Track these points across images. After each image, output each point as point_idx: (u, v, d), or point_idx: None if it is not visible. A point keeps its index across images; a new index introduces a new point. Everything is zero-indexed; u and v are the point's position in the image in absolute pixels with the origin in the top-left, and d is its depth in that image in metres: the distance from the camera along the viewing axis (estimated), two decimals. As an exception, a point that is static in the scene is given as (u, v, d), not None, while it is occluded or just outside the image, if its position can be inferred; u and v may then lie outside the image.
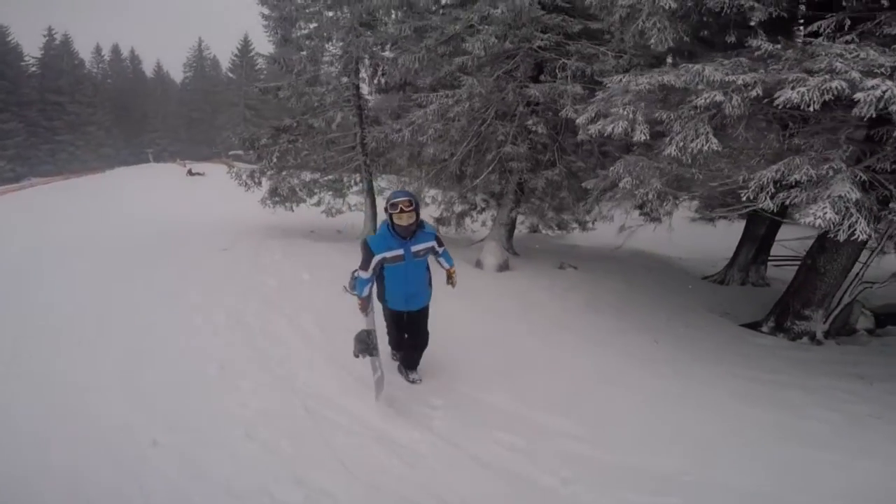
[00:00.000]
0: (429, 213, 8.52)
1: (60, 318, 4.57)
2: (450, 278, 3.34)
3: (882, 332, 5.64)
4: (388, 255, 2.94)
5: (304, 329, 4.29)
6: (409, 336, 3.37)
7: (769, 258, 8.42)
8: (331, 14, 8.02)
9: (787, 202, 3.27)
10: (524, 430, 2.95)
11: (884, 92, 2.71)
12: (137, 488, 2.35)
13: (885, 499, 2.50)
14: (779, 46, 3.29)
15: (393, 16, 7.48)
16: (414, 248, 2.98)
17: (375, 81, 8.63)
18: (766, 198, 3.24)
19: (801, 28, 4.59)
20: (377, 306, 3.25)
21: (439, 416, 3.06)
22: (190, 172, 30.06)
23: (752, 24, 3.97)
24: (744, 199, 3.35)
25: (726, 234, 9.14)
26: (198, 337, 4.09)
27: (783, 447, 2.88)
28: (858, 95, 2.78)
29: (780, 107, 3.04)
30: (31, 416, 2.96)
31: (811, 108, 2.90)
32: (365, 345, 3.07)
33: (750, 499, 2.41)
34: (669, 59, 4.99)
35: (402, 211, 2.82)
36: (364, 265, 2.99)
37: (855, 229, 3.05)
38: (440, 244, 3.17)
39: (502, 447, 2.77)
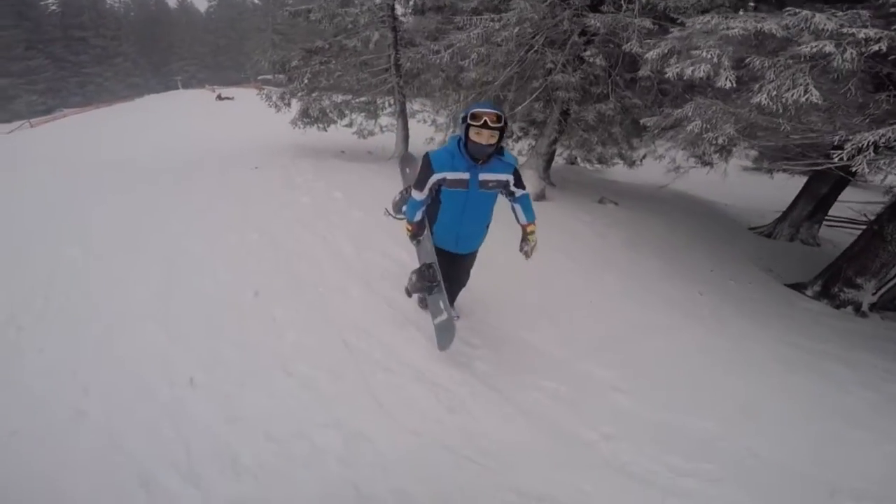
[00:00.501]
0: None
1: (95, 242, 4.53)
2: (525, 241, 2.63)
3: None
4: (449, 176, 2.38)
5: (339, 250, 4.15)
6: (448, 275, 2.90)
7: (826, 217, 7.92)
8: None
9: (888, 168, 3.02)
10: (566, 377, 2.86)
11: None
12: (176, 434, 2.25)
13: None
14: None
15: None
16: (483, 177, 2.39)
17: (411, 3, 8.16)
18: (863, 160, 2.95)
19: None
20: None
21: (479, 356, 2.93)
22: (219, 97, 29.97)
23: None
24: (836, 158, 3.06)
25: (781, 188, 8.62)
26: (232, 258, 3.96)
27: (822, 421, 2.80)
28: None
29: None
30: (66, 358, 2.82)
31: None
32: (426, 282, 2.64)
33: (781, 472, 2.36)
34: (752, 3, 4.69)
35: (485, 125, 2.20)
36: (419, 184, 2.45)
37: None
38: (518, 183, 2.50)
39: (544, 394, 2.69)
